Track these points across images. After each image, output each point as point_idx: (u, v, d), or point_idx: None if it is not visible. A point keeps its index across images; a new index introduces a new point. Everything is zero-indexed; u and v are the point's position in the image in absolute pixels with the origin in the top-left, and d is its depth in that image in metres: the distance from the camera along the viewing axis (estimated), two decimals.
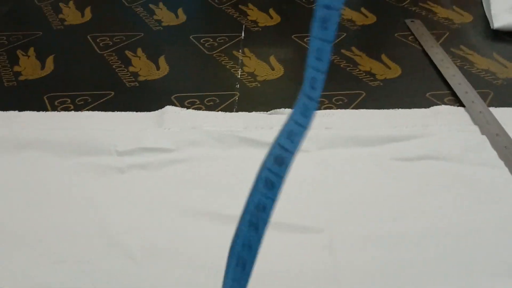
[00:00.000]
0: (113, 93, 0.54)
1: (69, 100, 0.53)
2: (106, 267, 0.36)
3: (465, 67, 0.58)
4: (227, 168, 0.44)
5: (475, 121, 0.48)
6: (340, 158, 0.45)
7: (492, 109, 0.50)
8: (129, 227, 0.39)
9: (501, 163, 0.43)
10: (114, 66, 0.59)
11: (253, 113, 0.51)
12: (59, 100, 0.53)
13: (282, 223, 0.39)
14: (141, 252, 0.37)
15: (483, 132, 0.47)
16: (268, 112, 0.51)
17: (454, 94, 0.53)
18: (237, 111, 0.52)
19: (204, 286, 0.35)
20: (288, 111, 0.51)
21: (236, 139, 0.47)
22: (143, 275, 0.36)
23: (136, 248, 0.37)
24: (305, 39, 0.65)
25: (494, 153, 0.44)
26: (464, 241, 0.37)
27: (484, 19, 0.69)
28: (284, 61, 0.61)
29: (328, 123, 0.49)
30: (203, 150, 0.46)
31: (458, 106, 0.51)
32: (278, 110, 0.51)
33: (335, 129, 0.48)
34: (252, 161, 0.45)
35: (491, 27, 0.66)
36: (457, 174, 0.43)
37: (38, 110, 0.51)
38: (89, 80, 0.57)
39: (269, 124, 0.49)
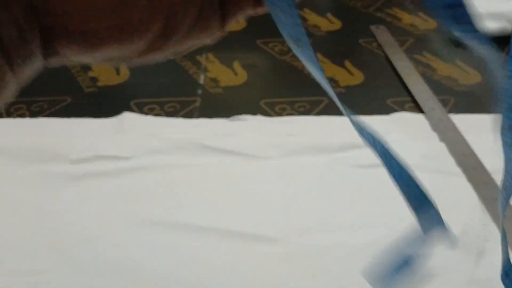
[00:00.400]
0: (70, 99, 0.53)
1: (25, 107, 0.52)
2: (58, 279, 0.35)
3: (427, 73, 0.59)
4: (187, 176, 0.44)
5: (434, 128, 0.49)
6: (300, 165, 0.45)
7: (452, 115, 0.50)
8: (83, 238, 0.38)
9: (458, 170, 0.44)
10: (73, 71, 0.58)
11: (214, 119, 0.50)
12: (14, 107, 0.52)
13: (238, 232, 0.38)
14: (95, 265, 0.36)
15: (441, 139, 0.47)
16: (230, 119, 0.50)
17: (415, 101, 0.53)
18: (198, 117, 0.51)
19: None
20: (249, 118, 0.50)
21: (196, 146, 0.46)
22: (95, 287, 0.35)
23: (89, 261, 0.36)
24: (269, 45, 0.65)
25: (452, 160, 0.45)
26: None
27: None
28: (248, 66, 0.60)
29: (290, 130, 0.49)
30: (162, 158, 0.45)
31: (418, 113, 0.51)
32: (239, 116, 0.50)
33: (296, 136, 0.48)
34: (212, 169, 0.45)
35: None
36: None
37: None
38: (47, 85, 0.55)
39: (230, 131, 0.49)
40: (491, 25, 0.65)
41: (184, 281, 0.35)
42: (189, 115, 0.51)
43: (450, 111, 0.51)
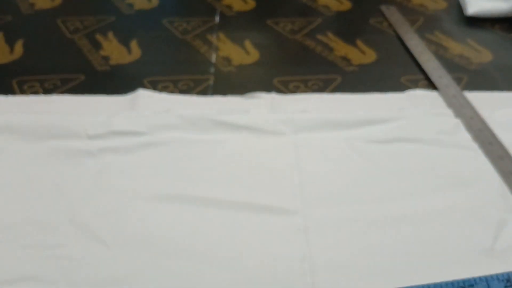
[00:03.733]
0: (83, 77, 0.53)
1: (38, 84, 0.52)
2: (77, 252, 0.35)
3: (439, 52, 0.59)
4: (201, 151, 0.44)
5: (449, 104, 0.49)
6: (315, 141, 0.45)
7: (466, 93, 0.50)
8: (100, 212, 0.38)
9: (475, 146, 0.44)
10: (84, 50, 0.58)
11: (229, 96, 0.50)
12: (28, 84, 0.52)
13: (257, 205, 0.38)
14: (113, 238, 0.36)
15: (457, 115, 0.47)
16: (244, 96, 0.50)
17: (428, 78, 0.53)
18: (212, 95, 0.51)
19: (178, 271, 0.34)
20: (263, 96, 0.50)
21: (211, 122, 0.46)
22: (115, 261, 0.35)
23: (107, 234, 0.37)
24: (280, 24, 0.64)
25: (468, 136, 0.45)
26: (438, 222, 0.37)
27: (458, 6, 0.69)
28: (259, 45, 0.60)
29: (304, 107, 0.49)
30: (176, 134, 0.45)
31: (432, 90, 0.51)
32: (254, 94, 0.50)
33: (310, 112, 0.48)
34: (226, 145, 0.45)
35: (465, 14, 0.66)
36: (432, 156, 0.43)
37: (6, 94, 0.50)
38: (59, 64, 0.55)
39: (244, 107, 0.49)
40: (502, 5, 0.65)
41: (204, 253, 0.35)
42: (203, 92, 0.51)
43: (464, 89, 0.51)
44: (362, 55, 0.58)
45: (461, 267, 0.34)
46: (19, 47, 0.58)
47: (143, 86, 0.52)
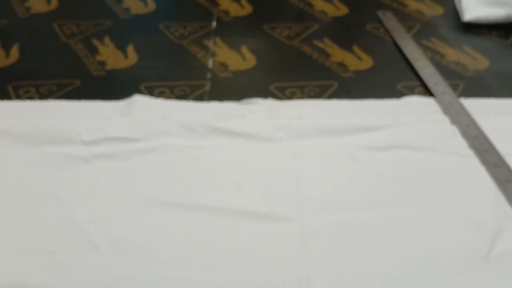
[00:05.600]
0: (79, 82, 0.53)
1: (34, 89, 0.51)
2: (71, 258, 0.35)
3: (435, 59, 0.59)
4: (197, 158, 0.44)
5: (445, 111, 0.49)
6: (312, 148, 0.45)
7: (462, 99, 0.50)
8: (95, 218, 0.38)
9: (471, 153, 0.44)
10: (80, 55, 0.58)
11: (225, 102, 0.50)
12: (23, 89, 0.51)
13: (253, 211, 0.38)
14: (107, 244, 0.36)
15: (453, 122, 0.47)
16: (240, 102, 0.50)
17: (424, 85, 0.53)
18: (208, 101, 0.51)
19: (173, 278, 0.34)
20: (260, 102, 0.50)
21: (207, 128, 0.46)
22: (109, 267, 0.35)
23: (102, 240, 0.36)
24: (276, 30, 0.64)
25: (464, 143, 0.45)
26: (434, 229, 0.37)
27: (454, 12, 0.69)
28: (256, 51, 0.60)
29: (300, 113, 0.49)
30: (172, 140, 0.45)
31: (429, 97, 0.51)
32: (250, 100, 0.50)
33: (307, 119, 0.48)
34: (222, 151, 0.44)
35: (462, 20, 0.67)
36: (428, 163, 0.43)
37: (2, 99, 0.50)
38: (55, 69, 0.55)
39: (240, 113, 0.49)
40: (499, 12, 0.65)
41: (199, 260, 0.35)
42: (199, 98, 0.51)
43: (460, 96, 0.51)
44: (358, 61, 0.58)
45: (457, 274, 0.34)
46: (14, 52, 0.58)
47: (139, 91, 0.51)
